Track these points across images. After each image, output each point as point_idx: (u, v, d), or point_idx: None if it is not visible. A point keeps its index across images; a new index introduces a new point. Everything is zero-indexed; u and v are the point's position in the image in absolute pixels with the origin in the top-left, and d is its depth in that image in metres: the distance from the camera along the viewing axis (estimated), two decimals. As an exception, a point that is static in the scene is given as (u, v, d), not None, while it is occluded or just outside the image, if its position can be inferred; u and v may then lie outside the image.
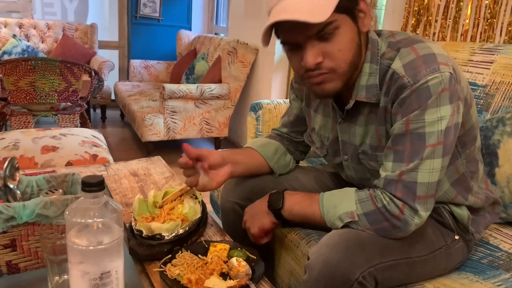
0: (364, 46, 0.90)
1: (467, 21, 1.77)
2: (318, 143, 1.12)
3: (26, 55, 3.83)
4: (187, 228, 0.94)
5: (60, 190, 0.97)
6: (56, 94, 2.51)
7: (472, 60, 1.38)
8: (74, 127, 2.56)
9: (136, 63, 4.31)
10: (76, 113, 2.66)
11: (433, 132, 0.82)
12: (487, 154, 1.21)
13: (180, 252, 0.89)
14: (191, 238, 0.96)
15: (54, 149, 1.67)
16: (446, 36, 1.87)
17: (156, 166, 1.47)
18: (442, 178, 0.87)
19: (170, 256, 0.88)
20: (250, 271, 0.84)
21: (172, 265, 0.85)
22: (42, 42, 4.29)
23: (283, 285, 1.15)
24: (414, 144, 0.83)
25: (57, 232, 0.77)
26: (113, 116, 4.42)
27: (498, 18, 1.65)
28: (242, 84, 3.24)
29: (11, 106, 2.53)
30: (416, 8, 1.99)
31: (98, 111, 4.39)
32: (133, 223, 0.95)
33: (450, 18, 1.84)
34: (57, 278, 0.75)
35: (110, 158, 1.71)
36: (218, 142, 3.41)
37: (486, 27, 1.69)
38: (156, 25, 4.74)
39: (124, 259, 0.68)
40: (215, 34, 4.70)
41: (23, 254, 0.82)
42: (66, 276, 0.74)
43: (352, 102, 0.93)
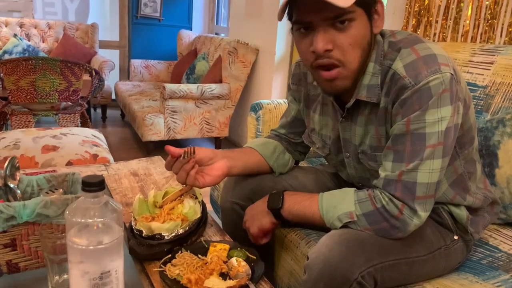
0: (371, 48, 0.90)
1: (468, 22, 1.77)
2: (320, 143, 1.12)
3: (27, 55, 3.83)
4: (187, 228, 0.94)
5: (61, 190, 0.97)
6: (57, 94, 2.51)
7: (473, 61, 1.38)
8: (75, 127, 2.56)
9: (137, 63, 4.32)
10: (77, 113, 2.66)
11: (434, 133, 0.82)
12: (487, 155, 1.21)
13: (180, 252, 0.89)
14: (191, 238, 0.96)
15: (55, 149, 1.67)
16: (447, 37, 1.87)
17: (157, 166, 1.47)
18: (441, 179, 0.87)
19: (170, 256, 0.88)
20: (250, 271, 0.85)
21: (172, 265, 0.85)
22: (43, 42, 4.29)
23: (283, 285, 1.15)
24: (415, 145, 0.83)
25: (57, 232, 0.77)
26: (114, 116, 4.42)
27: (499, 19, 1.65)
28: (243, 84, 3.25)
29: (12, 106, 2.53)
30: (417, 9, 1.99)
31: (99, 111, 4.39)
32: (133, 223, 0.95)
33: (451, 19, 1.84)
34: (57, 278, 0.75)
35: (111, 158, 1.72)
36: (219, 142, 3.41)
37: (487, 28, 1.69)
38: (157, 25, 4.74)
39: (124, 259, 0.68)
40: (216, 34, 4.71)
41: (23, 254, 0.82)
42: (66, 276, 0.75)
43: (353, 101, 0.93)
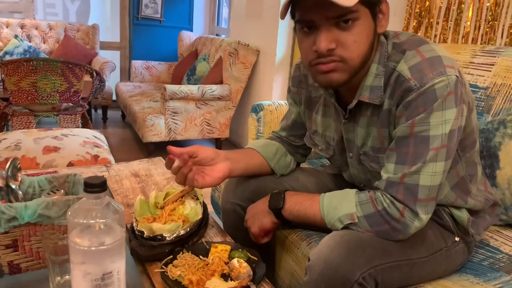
0: (376, 46, 0.89)
1: (469, 23, 1.77)
2: (323, 145, 1.12)
3: (28, 56, 3.83)
4: (188, 229, 0.94)
5: (62, 191, 0.97)
6: (58, 95, 2.51)
7: (473, 62, 1.38)
8: (76, 128, 2.56)
9: (138, 64, 4.32)
10: (78, 114, 2.67)
11: (437, 136, 0.81)
12: (488, 156, 1.21)
13: (181, 253, 0.89)
14: (192, 239, 0.96)
15: (56, 150, 1.67)
16: (448, 38, 1.87)
17: (158, 167, 1.47)
18: (443, 182, 0.87)
19: (171, 257, 0.88)
20: (251, 272, 0.85)
21: (173, 266, 0.85)
22: (44, 43, 4.30)
23: (284, 286, 1.15)
24: (418, 147, 0.83)
25: (59, 233, 0.77)
26: (114, 117, 4.43)
27: (500, 21, 1.65)
28: (243, 85, 3.25)
29: (13, 107, 2.54)
30: (418, 10, 1.99)
31: (100, 112, 4.39)
32: (135, 224, 0.95)
33: (452, 20, 1.84)
34: (59, 279, 0.75)
35: (112, 159, 1.72)
36: (219, 143, 3.41)
37: (488, 29, 1.69)
38: (158, 26, 4.75)
39: (126, 260, 0.68)
40: (217, 35, 4.71)
41: (25, 255, 0.82)
42: (68, 277, 0.75)
43: (355, 102, 0.92)
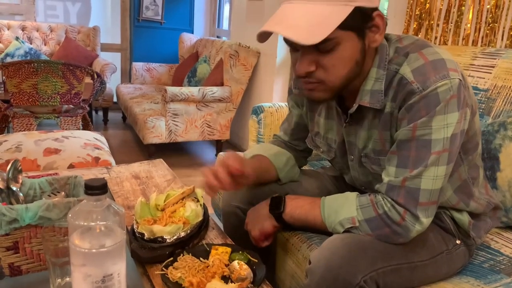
0: (372, 55, 0.88)
1: (469, 26, 1.77)
2: (325, 147, 1.11)
3: (29, 58, 3.84)
4: (189, 231, 0.94)
5: (63, 193, 0.97)
6: (59, 97, 2.51)
7: (474, 65, 1.38)
8: (76, 130, 2.57)
9: (138, 66, 4.33)
10: (78, 116, 2.67)
11: (439, 139, 0.81)
12: (489, 159, 1.21)
13: (182, 255, 0.89)
14: (193, 241, 0.96)
15: (57, 152, 1.67)
16: (448, 40, 1.87)
17: (158, 169, 1.47)
18: (445, 185, 0.86)
19: (172, 259, 0.88)
20: (252, 275, 0.85)
21: (174, 268, 0.85)
22: (45, 45, 4.31)
23: (284, 289, 1.15)
24: (420, 151, 0.83)
25: (60, 235, 0.77)
26: (115, 119, 4.43)
27: (500, 23, 1.65)
28: (244, 87, 3.25)
29: (14, 108, 2.54)
30: (418, 12, 1.99)
31: (100, 114, 4.40)
32: (135, 226, 0.95)
33: (452, 23, 1.84)
34: (59, 281, 0.75)
35: (112, 161, 1.72)
36: (220, 145, 3.41)
37: (488, 32, 1.70)
38: (158, 28, 4.75)
39: (126, 262, 0.68)
40: (217, 37, 4.72)
41: (26, 257, 0.82)
42: (68, 279, 0.75)
43: (355, 107, 0.92)
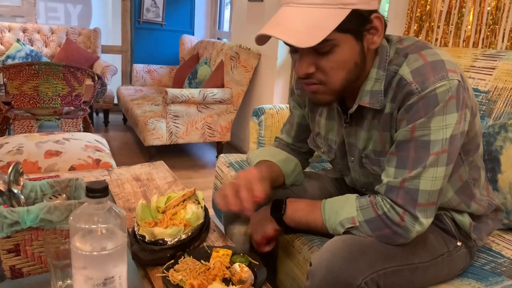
0: (372, 56, 0.89)
1: (469, 27, 1.78)
2: (325, 148, 1.11)
3: (30, 60, 3.85)
4: (190, 234, 0.94)
5: (64, 195, 0.97)
6: (59, 99, 2.52)
7: (474, 66, 1.38)
8: (77, 132, 2.57)
9: (139, 68, 4.33)
10: (79, 117, 2.67)
11: (438, 140, 0.81)
12: (490, 160, 1.21)
13: (183, 258, 0.89)
14: (194, 243, 0.96)
15: (58, 154, 1.67)
16: (449, 42, 1.87)
17: (159, 171, 1.47)
18: (446, 186, 0.86)
19: (173, 262, 0.88)
20: (253, 277, 0.85)
21: (175, 271, 0.85)
22: (46, 47, 4.31)
23: (285, 291, 1.15)
24: (418, 152, 0.83)
25: (61, 237, 0.78)
26: (116, 120, 4.43)
27: (500, 24, 1.65)
28: (245, 89, 3.25)
29: (15, 110, 2.54)
30: (418, 14, 1.99)
31: (101, 115, 4.40)
32: (136, 228, 0.95)
33: (452, 24, 1.84)
34: (60, 283, 0.75)
35: (113, 163, 1.72)
36: (220, 147, 3.41)
37: (488, 33, 1.70)
38: (159, 30, 4.76)
39: (127, 264, 0.68)
40: (218, 39, 4.72)
41: (27, 259, 0.83)
42: (70, 281, 0.75)
43: (355, 107, 0.92)
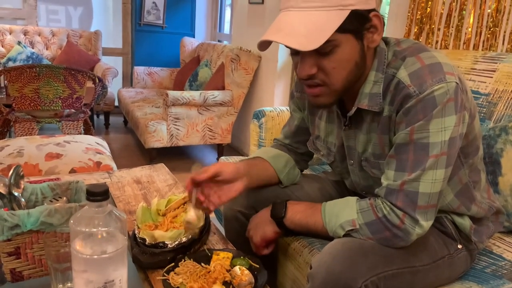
0: (371, 57, 0.89)
1: (470, 30, 1.78)
2: (325, 150, 1.12)
3: (31, 62, 3.86)
4: (190, 236, 0.94)
5: (64, 198, 0.97)
6: (60, 101, 2.52)
7: (475, 69, 1.39)
8: (78, 134, 2.57)
9: (140, 70, 4.34)
10: (80, 120, 2.67)
11: (437, 143, 0.81)
12: (490, 163, 1.20)
13: (183, 260, 0.89)
14: (194, 246, 0.96)
15: (58, 156, 1.67)
16: (449, 45, 1.87)
17: (160, 174, 1.47)
18: (446, 189, 0.86)
19: (173, 264, 0.88)
20: (253, 280, 0.85)
21: (175, 274, 0.85)
22: (47, 49, 4.32)
23: (286, 294, 1.15)
24: (418, 154, 0.83)
25: (61, 240, 0.78)
26: (117, 123, 4.44)
27: (501, 27, 1.65)
28: (245, 91, 3.25)
29: (16, 113, 2.55)
30: (419, 17, 2.00)
31: (102, 118, 4.41)
32: (136, 231, 0.95)
33: (453, 27, 1.85)
34: (61, 286, 0.75)
35: (114, 165, 1.72)
36: (221, 149, 3.41)
37: (489, 36, 1.70)
38: (160, 32, 4.77)
39: (128, 267, 0.68)
40: (219, 41, 4.73)
41: (27, 262, 0.83)
42: (70, 284, 0.75)
43: (354, 109, 0.93)
